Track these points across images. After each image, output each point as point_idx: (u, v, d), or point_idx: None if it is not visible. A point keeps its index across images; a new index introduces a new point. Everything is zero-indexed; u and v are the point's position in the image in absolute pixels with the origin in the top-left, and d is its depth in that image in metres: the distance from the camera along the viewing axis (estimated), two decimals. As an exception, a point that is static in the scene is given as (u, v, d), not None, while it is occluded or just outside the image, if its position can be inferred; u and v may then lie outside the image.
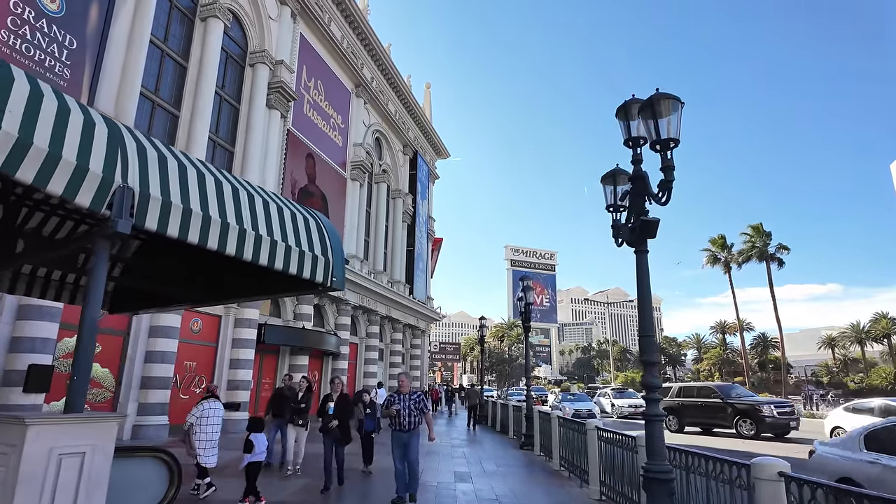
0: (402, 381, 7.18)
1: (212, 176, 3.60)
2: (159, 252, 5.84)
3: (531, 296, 15.07)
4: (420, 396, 7.11)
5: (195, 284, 5.85)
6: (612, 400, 28.37)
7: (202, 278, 5.79)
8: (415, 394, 7.11)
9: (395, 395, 7.12)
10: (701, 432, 18.78)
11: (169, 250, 5.71)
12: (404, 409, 6.92)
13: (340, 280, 4.31)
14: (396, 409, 6.91)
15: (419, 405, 7.03)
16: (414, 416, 6.94)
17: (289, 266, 3.93)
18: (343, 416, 7.93)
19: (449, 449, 13.66)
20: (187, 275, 5.95)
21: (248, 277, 5.27)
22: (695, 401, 19.02)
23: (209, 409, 7.02)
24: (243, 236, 3.68)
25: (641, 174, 5.42)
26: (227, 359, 16.47)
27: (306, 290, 4.76)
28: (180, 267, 5.94)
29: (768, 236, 35.30)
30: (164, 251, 5.83)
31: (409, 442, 6.94)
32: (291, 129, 19.89)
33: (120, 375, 13.02)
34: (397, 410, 6.92)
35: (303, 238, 4.19)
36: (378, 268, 27.42)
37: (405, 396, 7.03)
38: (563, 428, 10.32)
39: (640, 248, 5.37)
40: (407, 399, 7.03)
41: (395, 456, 7.01)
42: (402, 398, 7.01)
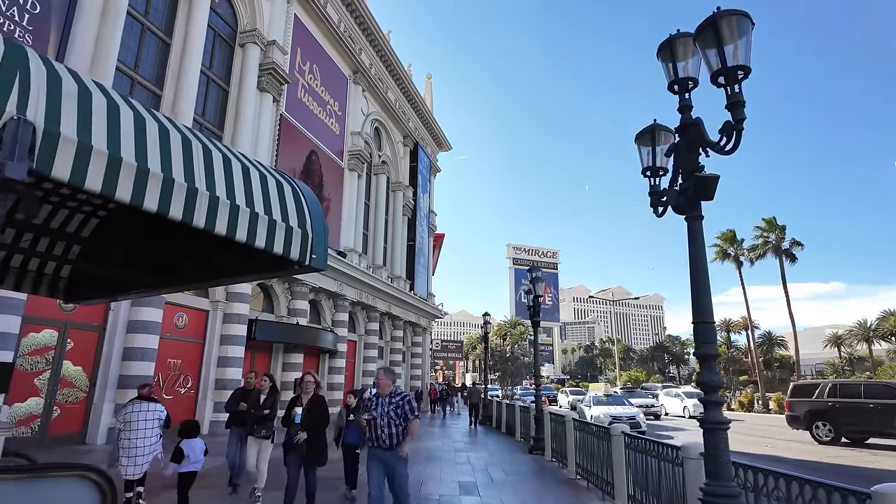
0: (381, 379, 5.24)
1: (154, 122, 2.57)
2: (118, 231, 4.91)
3: (536, 291, 14.00)
4: (404, 399, 5.18)
5: (151, 267, 4.88)
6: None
7: (158, 260, 4.81)
8: (397, 396, 5.20)
9: (373, 399, 5.34)
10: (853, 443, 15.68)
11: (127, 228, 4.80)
12: (380, 416, 5.05)
13: (321, 258, 3.25)
14: (368, 419, 5.10)
15: (401, 411, 5.09)
16: (396, 428, 5.06)
17: (254, 238, 2.85)
18: (315, 427, 5.87)
19: (452, 453, 12.61)
20: (143, 256, 4.97)
21: (208, 257, 4.27)
22: (859, 402, 15.32)
23: (132, 412, 5.97)
24: (193, 197, 2.60)
25: (694, 122, 4.35)
26: (214, 356, 15.45)
27: (279, 271, 3.71)
28: (136, 247, 4.98)
29: (782, 230, 34.08)
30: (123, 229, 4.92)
31: (393, 465, 5.03)
32: (285, 113, 18.84)
33: (94, 374, 11.99)
34: (369, 420, 5.10)
35: (274, 205, 3.10)
36: (377, 262, 26.37)
37: (384, 400, 5.16)
38: (580, 432, 9.26)
39: (693, 213, 4.30)
40: (386, 404, 5.12)
41: (369, 479, 5.13)
42: (380, 402, 5.17)
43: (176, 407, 14.26)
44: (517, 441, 15.48)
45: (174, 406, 14.15)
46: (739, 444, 13.94)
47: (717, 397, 3.94)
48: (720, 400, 3.95)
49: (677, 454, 5.28)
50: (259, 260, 3.76)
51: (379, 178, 27.69)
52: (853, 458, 13.09)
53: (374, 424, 5.08)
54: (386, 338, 28.47)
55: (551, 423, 11.66)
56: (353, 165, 23.62)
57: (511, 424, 17.22)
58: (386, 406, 5.13)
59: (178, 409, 14.32)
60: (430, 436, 17.29)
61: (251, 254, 3.62)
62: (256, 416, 6.70)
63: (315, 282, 19.68)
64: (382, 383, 5.27)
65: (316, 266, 3.33)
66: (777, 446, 15.21)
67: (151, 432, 5.92)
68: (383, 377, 5.28)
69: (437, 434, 17.94)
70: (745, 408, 34.44)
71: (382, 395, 5.22)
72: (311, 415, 5.93)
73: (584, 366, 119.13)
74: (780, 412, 31.35)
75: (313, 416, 5.94)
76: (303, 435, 5.77)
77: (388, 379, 5.29)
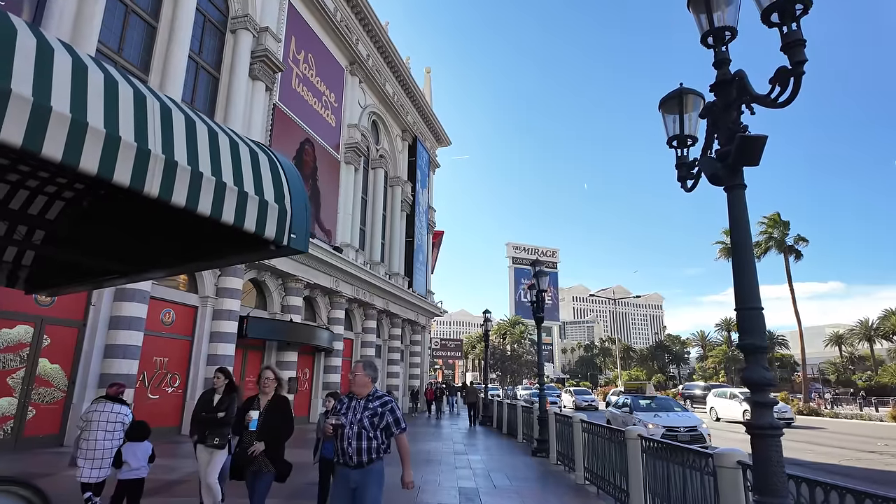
0: (357, 375, 3.97)
1: (99, 71, 2.00)
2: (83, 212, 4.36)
3: (540, 286, 13.39)
4: (385, 406, 3.91)
5: (119, 253, 4.31)
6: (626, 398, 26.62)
7: (126, 245, 4.25)
8: (376, 400, 3.93)
9: (344, 401, 4.04)
10: None
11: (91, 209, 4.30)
12: (350, 424, 3.81)
13: (303, 239, 2.75)
14: (334, 424, 3.85)
15: (379, 421, 3.83)
16: (369, 442, 3.77)
17: (220, 211, 2.31)
18: (275, 436, 4.56)
19: (451, 456, 11.99)
20: (110, 241, 4.39)
21: (177, 240, 3.72)
22: None
23: (94, 411, 5.40)
24: (144, 160, 2.16)
25: (735, 75, 3.73)
26: (204, 354, 14.80)
27: (254, 253, 3.13)
28: (101, 231, 4.43)
29: (786, 226, 33.43)
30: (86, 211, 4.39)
31: (362, 487, 3.77)
32: (278, 103, 18.18)
33: (74, 373, 11.34)
34: (336, 426, 3.85)
35: (246, 176, 2.51)
36: (375, 258, 25.73)
37: (358, 403, 3.91)
38: (589, 434, 8.63)
39: (734, 181, 3.68)
40: (360, 408, 3.86)
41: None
42: (352, 406, 3.91)
43: (163, 407, 13.64)
44: (519, 442, 14.86)
45: (161, 406, 13.55)
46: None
47: (766, 397, 3.31)
48: (770, 400, 3.32)
49: (707, 462, 4.65)
50: (231, 240, 3.17)
51: (377, 173, 27.05)
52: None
53: (342, 434, 3.82)
54: (384, 336, 27.83)
55: (556, 423, 11.04)
56: (350, 159, 22.97)
57: (512, 425, 16.61)
58: (359, 411, 3.84)
59: (165, 410, 13.70)
60: (428, 436, 16.67)
61: (222, 233, 3.01)
62: (208, 420, 5.51)
63: (310, 278, 19.05)
64: (358, 380, 3.93)
65: (295, 247, 2.63)
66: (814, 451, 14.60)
67: (112, 435, 5.30)
68: (360, 372, 3.94)
69: (435, 434, 17.32)
70: (749, 407, 33.87)
71: (358, 395, 3.93)
72: (270, 420, 4.56)
73: (584, 365, 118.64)
74: (786, 412, 30.89)
75: (273, 421, 4.57)
76: (259, 446, 4.43)
77: (367, 375, 3.95)
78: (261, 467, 4.50)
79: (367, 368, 4.01)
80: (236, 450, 4.59)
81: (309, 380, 20.61)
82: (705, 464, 4.71)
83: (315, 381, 20.81)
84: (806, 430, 20.96)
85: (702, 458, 4.76)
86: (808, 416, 28.44)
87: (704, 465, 4.73)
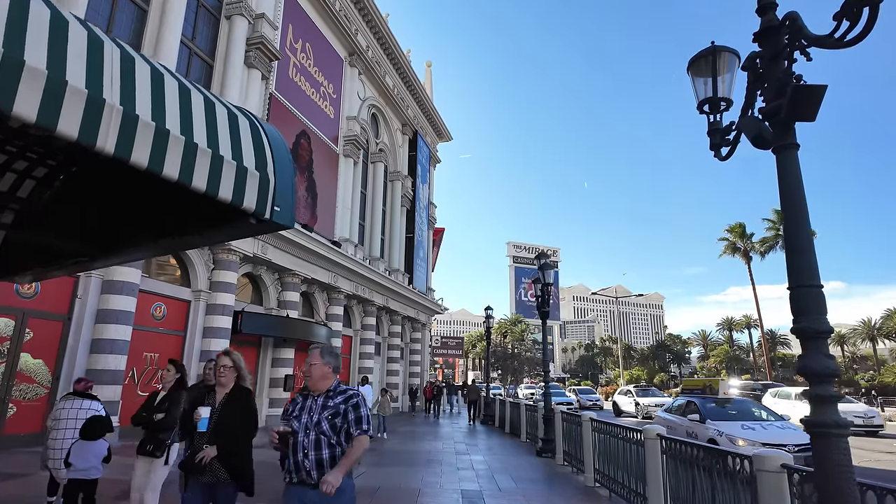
0: (313, 365, 3.12)
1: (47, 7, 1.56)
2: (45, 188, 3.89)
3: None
4: (349, 402, 3.08)
5: (87, 232, 3.83)
6: (635, 399, 25.82)
7: (94, 221, 3.77)
8: (338, 396, 3.10)
9: (298, 400, 3.19)
10: None
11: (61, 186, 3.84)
12: (304, 430, 3.00)
13: (287, 213, 2.30)
14: (280, 432, 3.01)
15: (341, 422, 3.02)
16: (331, 450, 2.98)
17: (190, 175, 1.90)
18: (231, 438, 3.53)
19: (453, 456, 11.49)
20: (80, 218, 3.91)
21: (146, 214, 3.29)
22: None
23: (62, 408, 4.96)
24: (96, 110, 1.65)
25: (786, 19, 3.23)
26: (196, 350, 14.30)
27: (232, 227, 2.61)
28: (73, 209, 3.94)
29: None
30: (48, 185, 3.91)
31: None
32: (274, 92, 17.67)
33: (58, 368, 10.85)
34: (283, 435, 3.01)
35: (222, 139, 2.11)
36: (375, 254, 25.23)
37: (314, 402, 3.09)
38: (599, 434, 8.13)
39: (785, 140, 3.19)
40: (317, 408, 3.05)
41: None
42: (308, 405, 3.10)
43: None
44: (523, 442, 14.37)
45: (150, 404, 13.07)
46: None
47: (830, 389, 2.82)
48: (834, 393, 2.82)
49: (742, 465, 4.14)
50: (206, 212, 2.69)
51: (376, 167, 26.54)
52: None
53: (294, 444, 2.95)
54: (383, 333, 27.33)
55: (563, 422, 10.54)
56: (349, 152, 22.46)
57: (515, 423, 16.11)
58: (316, 412, 3.00)
59: (156, 407, 13.21)
60: (428, 435, 16.18)
61: (197, 206, 2.50)
62: (141, 419, 4.61)
63: (308, 273, 18.55)
64: (314, 372, 3.07)
65: (279, 221, 2.24)
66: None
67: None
68: (317, 361, 3.09)
69: (436, 433, 16.83)
70: (754, 407, 33.38)
71: (315, 391, 3.09)
72: (227, 418, 3.57)
73: (585, 364, 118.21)
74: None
75: (230, 419, 3.56)
76: (209, 451, 3.43)
77: (326, 364, 3.10)
78: (217, 478, 3.46)
79: (325, 356, 3.13)
80: (186, 456, 3.64)
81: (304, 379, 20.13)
82: (740, 467, 4.21)
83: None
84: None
85: (736, 461, 4.25)
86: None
87: (738, 469, 4.22)
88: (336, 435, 3.00)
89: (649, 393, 26.64)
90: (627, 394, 27.24)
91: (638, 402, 25.21)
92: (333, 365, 3.16)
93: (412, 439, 14.91)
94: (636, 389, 27.25)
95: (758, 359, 66.99)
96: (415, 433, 16.82)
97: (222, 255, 14.92)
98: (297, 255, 17.80)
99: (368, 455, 11.12)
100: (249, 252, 15.56)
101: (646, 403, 24.49)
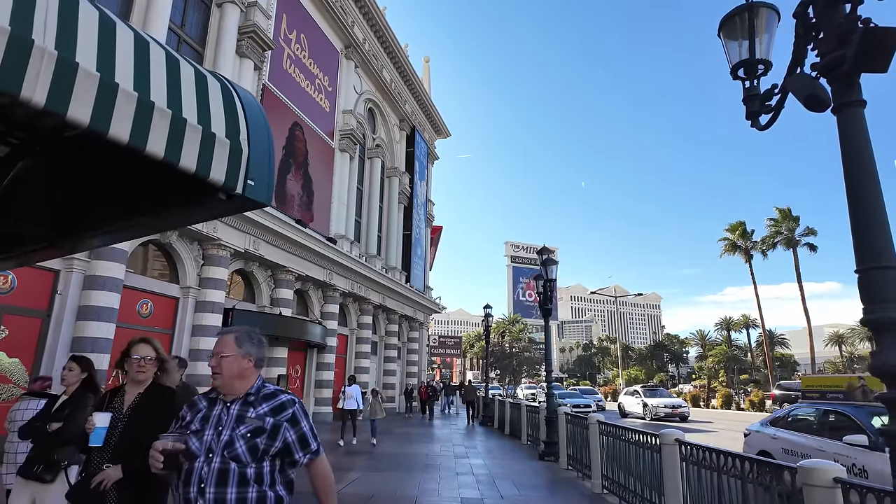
0: (223, 353, 2.07)
1: None
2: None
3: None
4: (279, 408, 2.06)
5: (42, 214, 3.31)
6: (643, 399, 24.71)
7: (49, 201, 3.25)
8: (265, 403, 2.06)
9: (201, 406, 2.11)
10: None
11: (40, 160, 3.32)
12: (205, 452, 1.94)
13: (263, 187, 1.93)
14: (168, 451, 1.92)
15: (268, 442, 1.97)
16: (244, 490, 1.91)
17: (145, 139, 1.55)
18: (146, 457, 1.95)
19: (451, 460, 10.99)
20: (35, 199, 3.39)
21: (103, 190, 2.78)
22: None
23: (17, 410, 4.46)
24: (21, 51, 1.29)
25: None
26: (185, 349, 13.78)
27: (197, 203, 2.09)
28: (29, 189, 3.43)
29: (796, 221, 32.42)
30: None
31: None
32: (268, 83, 17.14)
33: (36, 368, 10.30)
34: (170, 455, 1.92)
35: (186, 100, 1.78)
36: (371, 251, 24.71)
37: (223, 409, 2.05)
38: (607, 437, 7.64)
39: (849, 97, 2.71)
40: (230, 420, 2.00)
41: None
42: (213, 415, 2.04)
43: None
44: (524, 444, 13.87)
45: (136, 405, 12.54)
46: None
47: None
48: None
49: (783, 477, 3.65)
50: (166, 184, 2.20)
51: (373, 163, 26.01)
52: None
53: (189, 472, 1.94)
54: (380, 332, 26.81)
55: (567, 424, 10.06)
56: (345, 146, 21.94)
57: (515, 425, 15.62)
58: (227, 426, 1.99)
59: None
60: (425, 437, 15.69)
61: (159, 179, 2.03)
62: (32, 434, 3.62)
63: (302, 269, 18.03)
64: (226, 366, 2.05)
65: (253, 197, 1.91)
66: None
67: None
68: (230, 351, 2.08)
69: (433, 435, 16.34)
70: (755, 407, 32.97)
71: (226, 395, 2.08)
72: (136, 428, 2.59)
73: (583, 364, 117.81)
74: (795, 412, 29.93)
75: (142, 429, 2.54)
76: (110, 474, 2.47)
77: (246, 356, 2.10)
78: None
79: (242, 343, 2.09)
80: (76, 481, 2.68)
81: (300, 377, 19.61)
82: (777, 480, 3.72)
83: (307, 379, 19.82)
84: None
85: (775, 473, 3.76)
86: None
87: (776, 482, 3.73)
88: (255, 463, 1.91)
89: (658, 393, 25.54)
90: (634, 394, 26.01)
91: (646, 403, 24.02)
92: (255, 356, 2.11)
93: (408, 442, 14.41)
94: (644, 389, 25.95)
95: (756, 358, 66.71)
96: (411, 434, 16.32)
97: (212, 251, 14.40)
98: (291, 252, 17.28)
99: (362, 459, 10.61)
100: (241, 247, 15.03)
101: (655, 404, 23.44)
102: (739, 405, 35.21)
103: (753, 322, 75.35)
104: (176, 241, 13.54)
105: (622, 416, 24.99)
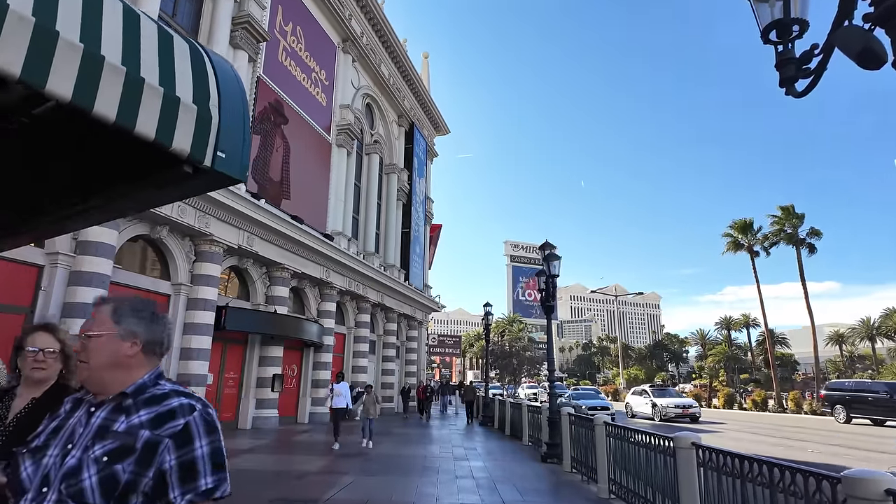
0: (91, 335, 1.33)
1: None
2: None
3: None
4: (166, 417, 1.28)
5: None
6: (652, 399, 24.07)
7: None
8: (145, 407, 1.30)
9: (61, 412, 1.39)
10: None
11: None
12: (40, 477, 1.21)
13: (237, 161, 1.62)
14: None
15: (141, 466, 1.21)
16: None
17: (92, 98, 1.21)
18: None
19: (451, 462, 10.61)
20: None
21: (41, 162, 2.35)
22: None
23: None
24: None
25: None
26: (176, 347, 13.37)
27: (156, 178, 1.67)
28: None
29: (800, 219, 32.05)
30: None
31: None
32: (262, 76, 16.75)
33: (18, 366, 9.91)
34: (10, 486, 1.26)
35: (147, 58, 1.46)
36: (369, 249, 24.33)
37: (84, 414, 1.33)
38: (614, 440, 7.26)
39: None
40: (87, 432, 1.27)
41: None
42: (69, 425, 1.32)
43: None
44: (525, 445, 13.49)
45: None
46: (817, 455, 12.02)
47: None
48: None
49: (821, 487, 3.26)
50: (127, 158, 1.82)
51: (371, 159, 25.62)
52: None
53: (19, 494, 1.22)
54: (378, 331, 26.41)
55: (571, 425, 9.67)
56: (342, 141, 21.55)
57: (516, 426, 15.24)
58: (81, 440, 1.26)
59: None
60: (424, 438, 15.31)
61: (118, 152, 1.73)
62: None
63: (298, 267, 17.64)
64: (95, 350, 1.33)
65: (224, 170, 1.63)
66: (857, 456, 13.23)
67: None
68: (104, 329, 1.34)
69: (432, 436, 15.95)
70: (758, 407, 32.63)
71: (96, 393, 1.35)
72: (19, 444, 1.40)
73: (583, 364, 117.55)
74: (798, 411, 29.56)
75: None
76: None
77: (127, 338, 1.35)
78: None
79: (122, 317, 1.37)
80: None
81: (297, 377, 19.22)
82: (812, 490, 3.33)
83: (304, 379, 19.43)
84: (823, 431, 19.65)
85: (806, 480, 3.37)
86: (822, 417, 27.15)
87: (811, 492, 3.34)
88: (109, 489, 1.19)
89: (667, 393, 24.94)
90: (642, 394, 25.33)
91: (655, 404, 23.34)
92: (144, 338, 1.38)
93: (406, 443, 14.02)
94: (653, 389, 25.32)
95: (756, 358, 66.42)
96: (408, 435, 15.94)
97: (204, 247, 14.00)
98: (287, 248, 16.89)
99: (357, 462, 10.21)
100: (234, 243, 14.64)
101: (665, 405, 22.79)
102: (742, 405, 34.88)
103: (754, 321, 75.08)
104: (167, 236, 13.14)
105: (629, 417, 24.57)
